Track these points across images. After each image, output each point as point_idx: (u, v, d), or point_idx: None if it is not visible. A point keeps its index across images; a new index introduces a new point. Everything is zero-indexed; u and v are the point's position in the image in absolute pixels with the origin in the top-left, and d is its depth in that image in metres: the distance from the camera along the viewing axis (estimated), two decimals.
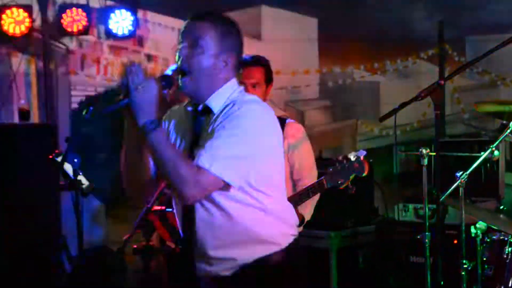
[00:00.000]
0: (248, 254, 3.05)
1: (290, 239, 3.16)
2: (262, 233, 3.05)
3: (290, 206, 3.28)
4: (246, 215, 3.01)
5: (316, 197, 4.53)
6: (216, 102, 3.05)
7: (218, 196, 2.96)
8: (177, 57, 3.06)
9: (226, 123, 2.92)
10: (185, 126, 3.18)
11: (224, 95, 3.06)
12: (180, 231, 3.22)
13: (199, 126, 3.10)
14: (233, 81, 3.12)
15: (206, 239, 3.05)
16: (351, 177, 4.24)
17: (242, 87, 3.15)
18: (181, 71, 3.02)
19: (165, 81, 2.97)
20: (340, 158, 4.26)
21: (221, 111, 3.01)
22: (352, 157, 4.23)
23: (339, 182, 4.25)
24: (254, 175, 2.97)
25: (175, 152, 2.91)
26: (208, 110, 3.07)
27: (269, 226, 3.06)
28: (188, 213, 3.07)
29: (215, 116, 3.03)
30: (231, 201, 2.98)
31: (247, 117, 2.94)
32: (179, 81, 3.02)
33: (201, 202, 3.00)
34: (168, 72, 3.04)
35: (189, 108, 3.17)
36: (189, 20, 3.09)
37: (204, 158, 2.85)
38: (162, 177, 2.99)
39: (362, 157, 4.20)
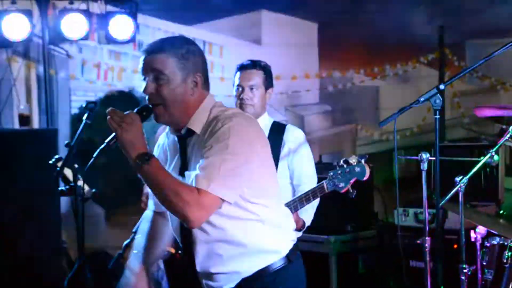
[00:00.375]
0: (250, 266, 3.07)
1: (290, 245, 3.18)
2: (261, 244, 3.07)
3: (286, 211, 3.30)
4: (243, 229, 3.03)
5: (316, 202, 4.53)
6: (197, 123, 3.06)
7: (212, 216, 2.97)
8: (145, 94, 3.05)
9: (213, 142, 2.92)
10: (173, 151, 3.22)
11: (204, 114, 3.06)
12: (180, 245, 3.24)
13: (185, 149, 3.12)
14: (209, 98, 3.12)
15: (206, 258, 3.08)
16: (352, 181, 4.24)
17: (219, 101, 3.15)
18: (152, 106, 3.02)
19: (145, 111, 3.01)
20: (341, 162, 4.27)
21: (206, 130, 3.02)
22: (353, 161, 4.23)
23: (340, 186, 4.25)
24: (248, 189, 2.99)
25: (173, 179, 2.92)
26: (191, 132, 3.08)
27: (267, 236, 3.08)
28: (187, 235, 3.10)
29: (199, 135, 3.05)
30: (225, 218, 3.00)
31: (233, 134, 2.93)
32: (153, 113, 3.03)
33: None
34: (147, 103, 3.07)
35: (172, 135, 3.20)
36: (145, 55, 3.07)
37: (201, 180, 2.86)
38: (164, 206, 2.97)
39: (363, 161, 4.20)
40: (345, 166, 4.26)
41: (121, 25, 7.65)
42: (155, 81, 3.01)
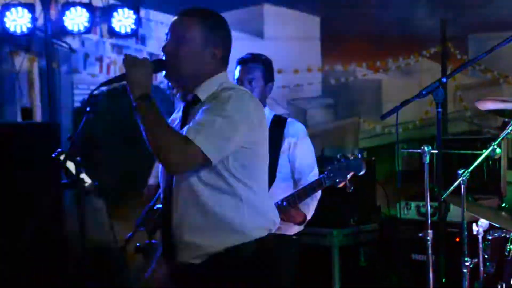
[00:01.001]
0: (218, 242, 3.04)
1: (263, 233, 3.13)
2: (233, 222, 3.05)
3: (270, 201, 3.30)
4: (217, 201, 3.03)
5: (318, 195, 4.53)
6: (204, 92, 3.12)
7: (194, 179, 3.01)
8: (163, 52, 3.14)
9: (211, 104, 3.01)
10: (176, 115, 3.29)
11: (213, 85, 3.13)
12: (162, 214, 3.27)
13: (187, 116, 3.16)
14: (224, 75, 3.19)
15: (181, 222, 3.09)
16: (349, 175, 4.24)
17: (230, 81, 3.21)
18: (166, 62, 3.11)
19: (157, 64, 3.10)
20: (339, 156, 4.27)
21: (209, 98, 3.09)
22: (350, 155, 4.24)
23: (337, 180, 4.26)
24: (233, 161, 3.02)
25: (167, 123, 2.99)
26: (197, 100, 3.14)
27: (242, 216, 3.06)
28: (169, 194, 3.13)
29: (201, 103, 3.10)
30: (203, 184, 3.01)
31: (233, 101, 3.00)
32: (165, 71, 3.12)
33: (179, 183, 3.06)
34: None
35: (178, 98, 3.26)
36: (177, 17, 3.17)
37: (190, 131, 2.92)
38: (151, 146, 2.98)
39: (360, 156, 4.21)
40: (342, 160, 4.26)
41: (123, 19, 7.65)
42: (175, 41, 3.10)
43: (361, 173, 4.25)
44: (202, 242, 3.05)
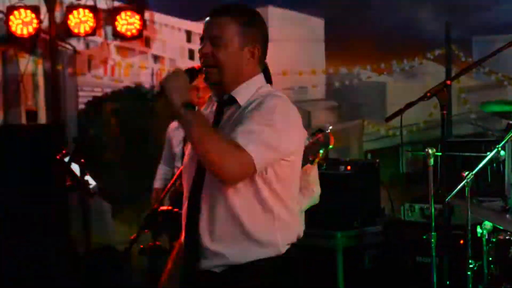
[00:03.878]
0: (243, 254, 2.94)
1: (288, 247, 3.03)
2: (263, 237, 2.94)
3: (299, 216, 3.20)
4: (252, 215, 2.93)
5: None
6: (242, 94, 3.01)
7: (229, 189, 2.89)
8: (200, 56, 3.01)
9: (256, 113, 2.88)
10: (209, 116, 3.11)
11: (251, 88, 3.02)
12: (184, 221, 3.10)
13: (221, 116, 3.05)
14: (260, 77, 3.08)
15: (208, 230, 2.95)
16: (321, 151, 4.22)
17: (267, 84, 3.09)
18: (206, 67, 2.99)
19: (190, 73, 2.95)
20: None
21: (250, 105, 2.96)
22: (318, 132, 4.22)
23: (310, 159, 4.24)
24: (271, 173, 2.92)
25: (214, 128, 2.88)
26: (233, 101, 3.02)
27: (272, 231, 2.95)
28: (197, 201, 3.00)
29: (241, 108, 2.99)
30: (240, 197, 2.91)
31: (278, 111, 2.90)
32: (205, 73, 2.99)
33: (210, 191, 2.94)
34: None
35: (215, 99, 3.12)
36: (209, 18, 3.04)
37: (240, 138, 2.79)
38: (201, 156, 2.83)
39: (327, 130, 4.19)
40: (311, 138, 4.25)
41: (128, 21, 7.67)
42: (213, 43, 2.97)
43: (330, 146, 4.23)
44: (227, 252, 2.94)
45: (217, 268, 2.97)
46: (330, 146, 4.15)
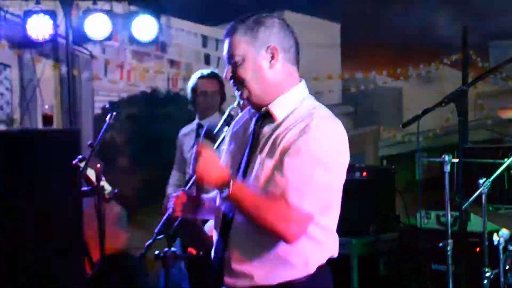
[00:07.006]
0: (272, 275, 2.83)
1: (318, 264, 2.90)
2: (293, 258, 2.83)
3: (335, 234, 3.02)
4: None
5: None
6: (281, 108, 2.89)
7: None
8: (231, 83, 2.93)
9: (303, 145, 2.73)
10: (244, 131, 3.02)
11: (292, 102, 2.90)
12: (215, 238, 3.05)
13: (259, 130, 2.93)
14: (302, 86, 2.97)
15: (238, 250, 2.87)
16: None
17: (310, 95, 2.98)
18: (236, 89, 2.91)
19: (207, 136, 2.99)
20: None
21: (291, 123, 2.82)
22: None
23: None
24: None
25: (262, 198, 2.75)
26: (269, 115, 2.90)
27: (302, 252, 2.83)
28: (227, 223, 2.93)
29: (281, 123, 2.86)
30: None
31: (328, 143, 2.78)
32: (239, 96, 2.92)
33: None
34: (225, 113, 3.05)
35: (251, 112, 3.03)
36: (224, 41, 2.95)
37: (293, 196, 2.70)
38: (260, 225, 2.76)
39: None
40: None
41: (144, 26, 7.67)
42: (231, 65, 2.88)
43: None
44: (255, 273, 2.84)
45: (242, 286, 2.88)
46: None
